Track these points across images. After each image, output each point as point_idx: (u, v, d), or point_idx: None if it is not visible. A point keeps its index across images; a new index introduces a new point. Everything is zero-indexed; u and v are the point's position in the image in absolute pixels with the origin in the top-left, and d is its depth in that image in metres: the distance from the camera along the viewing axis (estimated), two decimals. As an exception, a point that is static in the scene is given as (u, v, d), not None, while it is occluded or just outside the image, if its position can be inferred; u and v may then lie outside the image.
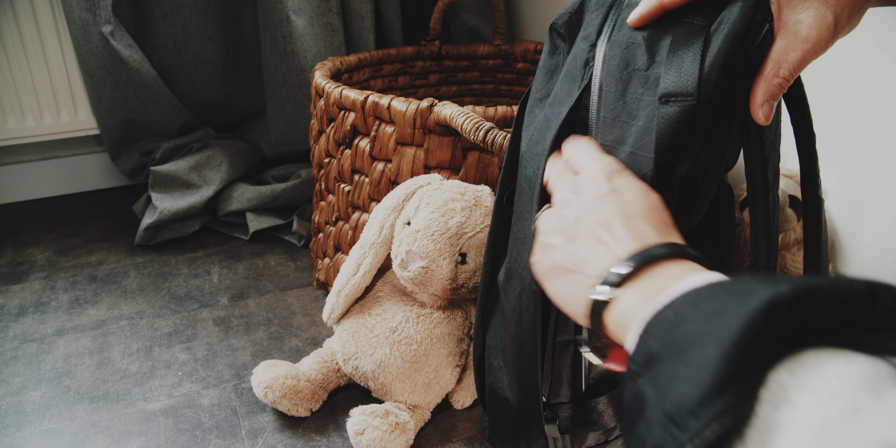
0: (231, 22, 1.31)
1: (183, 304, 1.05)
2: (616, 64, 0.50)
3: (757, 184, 0.50)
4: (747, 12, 0.43)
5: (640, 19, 0.48)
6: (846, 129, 0.79)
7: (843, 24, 0.43)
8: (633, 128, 0.48)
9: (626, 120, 0.49)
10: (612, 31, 0.51)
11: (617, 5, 0.52)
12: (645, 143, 0.46)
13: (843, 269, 0.82)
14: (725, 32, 0.43)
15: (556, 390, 0.60)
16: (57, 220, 1.33)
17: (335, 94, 0.90)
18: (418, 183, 0.79)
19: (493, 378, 0.65)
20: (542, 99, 0.57)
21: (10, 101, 1.27)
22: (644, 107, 0.47)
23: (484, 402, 0.70)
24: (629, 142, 0.48)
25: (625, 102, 0.49)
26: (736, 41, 0.43)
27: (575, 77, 0.53)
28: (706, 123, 0.45)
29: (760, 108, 0.45)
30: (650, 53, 0.48)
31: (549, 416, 0.60)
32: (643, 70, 0.48)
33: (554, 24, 0.57)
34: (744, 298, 0.27)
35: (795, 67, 0.43)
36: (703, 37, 0.44)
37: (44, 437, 0.78)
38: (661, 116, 0.45)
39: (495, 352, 0.64)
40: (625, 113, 0.49)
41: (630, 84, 0.49)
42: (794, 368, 0.25)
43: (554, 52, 0.58)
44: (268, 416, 0.81)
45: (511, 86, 1.33)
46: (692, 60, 0.44)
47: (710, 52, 0.44)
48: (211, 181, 1.26)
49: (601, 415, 0.61)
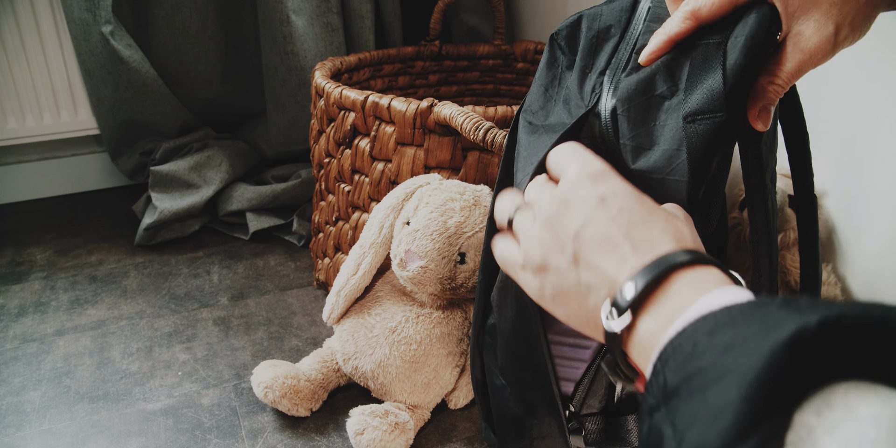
0: (231, 22, 1.31)
1: (183, 304, 1.05)
2: (633, 89, 0.48)
3: (755, 189, 0.50)
4: (763, 23, 0.43)
5: (651, 56, 0.46)
6: (845, 127, 0.79)
7: (844, 34, 0.42)
8: (657, 153, 0.46)
9: (650, 147, 0.47)
10: (626, 65, 0.50)
11: (626, 39, 0.51)
12: (676, 167, 0.45)
13: (842, 269, 0.82)
14: (742, 44, 0.43)
15: (589, 402, 0.59)
16: (57, 220, 1.33)
17: (335, 94, 0.91)
18: (418, 183, 0.79)
19: (499, 398, 0.63)
20: (536, 112, 0.56)
21: (10, 101, 1.27)
22: (668, 131, 0.46)
23: (490, 421, 0.69)
24: (657, 167, 0.46)
25: (647, 129, 0.47)
26: (753, 52, 0.43)
27: (579, 101, 0.51)
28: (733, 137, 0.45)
29: (758, 115, 0.44)
30: (671, 80, 0.46)
31: (576, 428, 0.59)
32: (666, 97, 0.46)
33: (555, 36, 0.56)
34: (766, 331, 0.25)
35: (790, 77, 0.43)
36: (722, 52, 0.44)
37: (44, 437, 0.78)
38: (690, 136, 0.44)
39: (497, 371, 0.63)
40: (648, 140, 0.47)
41: (649, 111, 0.47)
42: (821, 409, 0.23)
43: (552, 65, 0.56)
44: (268, 416, 0.81)
45: (511, 86, 1.33)
46: (714, 76, 0.43)
47: (729, 66, 0.43)
48: (211, 181, 1.26)
49: (629, 432, 0.60)
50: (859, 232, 0.79)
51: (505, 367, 0.60)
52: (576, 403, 0.59)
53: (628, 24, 0.52)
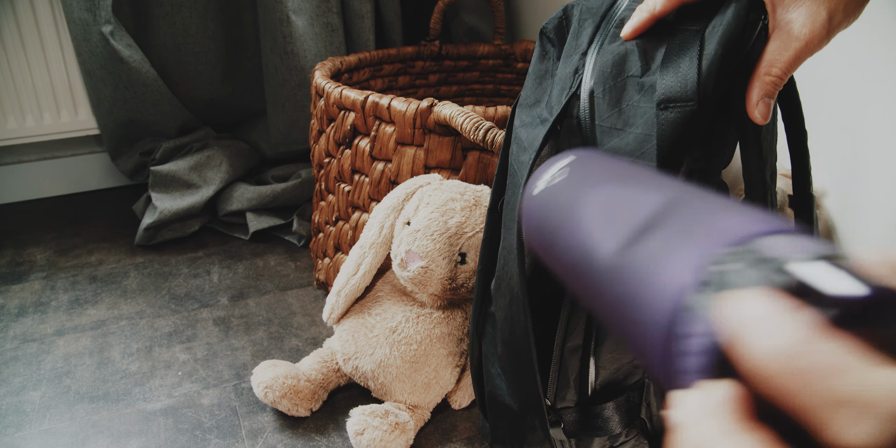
0: (231, 22, 1.31)
1: (183, 304, 1.05)
2: (608, 71, 0.49)
3: (755, 185, 0.50)
4: (741, 12, 0.43)
5: (634, 31, 0.48)
6: (845, 127, 0.79)
7: (838, 19, 0.42)
8: (630, 136, 0.47)
9: (623, 127, 0.48)
10: (604, 42, 0.51)
11: (608, 17, 0.52)
12: (646, 151, 0.46)
13: (843, 269, 0.82)
14: (720, 34, 0.43)
15: (562, 394, 0.60)
16: (57, 220, 1.33)
17: (335, 94, 0.91)
18: (418, 183, 0.79)
19: (492, 385, 0.65)
20: (532, 105, 0.57)
21: (10, 101, 1.27)
22: (641, 114, 0.47)
23: (484, 408, 0.70)
24: (628, 150, 0.47)
25: (620, 110, 0.48)
26: (731, 42, 0.43)
27: (564, 86, 0.52)
28: (705, 127, 0.45)
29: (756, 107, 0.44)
30: (645, 60, 0.47)
31: (554, 420, 0.60)
32: (638, 76, 0.47)
33: (544, 29, 0.57)
34: None
35: (788, 66, 0.43)
36: (699, 40, 0.44)
37: (44, 437, 0.78)
38: (662, 123, 0.45)
39: (492, 359, 0.64)
40: (621, 121, 0.48)
41: (625, 91, 0.48)
42: None
43: (543, 58, 0.57)
44: (268, 416, 0.81)
45: (511, 86, 1.33)
46: (689, 64, 0.44)
47: (706, 55, 0.44)
48: (211, 181, 1.26)
49: (607, 421, 0.61)
50: (859, 232, 0.80)
51: (501, 356, 0.61)
52: (549, 396, 0.59)
53: (612, 6, 0.52)
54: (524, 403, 0.60)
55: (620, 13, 0.51)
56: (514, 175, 0.55)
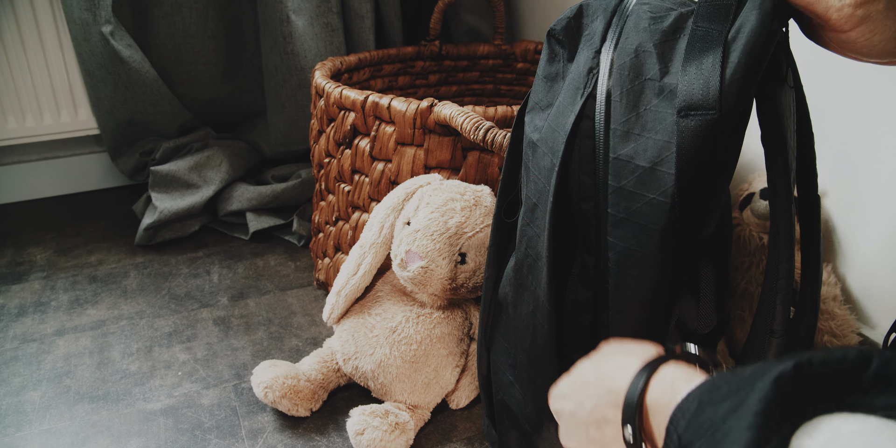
0: (231, 22, 1.31)
1: (183, 304, 1.05)
2: (626, 73, 0.48)
3: (780, 195, 0.49)
4: (765, 20, 0.42)
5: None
6: (846, 128, 0.79)
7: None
8: (649, 141, 0.46)
9: (640, 132, 0.47)
10: (619, 38, 0.49)
11: (620, 11, 0.51)
12: (665, 159, 0.45)
13: (842, 269, 0.82)
14: (744, 42, 0.42)
15: None
16: (57, 220, 1.33)
17: (335, 94, 0.91)
18: (418, 183, 0.79)
19: (504, 394, 0.63)
20: (545, 108, 0.56)
21: (10, 101, 1.27)
22: (661, 119, 0.46)
23: (492, 417, 0.69)
24: (646, 156, 0.46)
25: (638, 114, 0.47)
26: (755, 51, 0.42)
27: (578, 85, 0.51)
28: (726, 140, 0.45)
29: None
30: (663, 62, 0.46)
31: None
32: (656, 80, 0.46)
33: (552, 31, 0.56)
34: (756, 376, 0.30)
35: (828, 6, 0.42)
36: (722, 44, 0.43)
37: (44, 437, 0.78)
38: (682, 130, 0.44)
39: (503, 367, 0.63)
40: (638, 125, 0.47)
41: (643, 94, 0.47)
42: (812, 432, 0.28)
43: (553, 60, 0.56)
44: (268, 416, 0.81)
45: (511, 86, 1.33)
46: (712, 72, 0.43)
47: (730, 64, 0.43)
48: (211, 181, 1.26)
49: None
50: (859, 232, 0.80)
51: (519, 364, 0.60)
52: None
53: (622, 1, 0.52)
54: (543, 410, 0.59)
55: (632, 7, 0.50)
56: (534, 181, 0.54)
